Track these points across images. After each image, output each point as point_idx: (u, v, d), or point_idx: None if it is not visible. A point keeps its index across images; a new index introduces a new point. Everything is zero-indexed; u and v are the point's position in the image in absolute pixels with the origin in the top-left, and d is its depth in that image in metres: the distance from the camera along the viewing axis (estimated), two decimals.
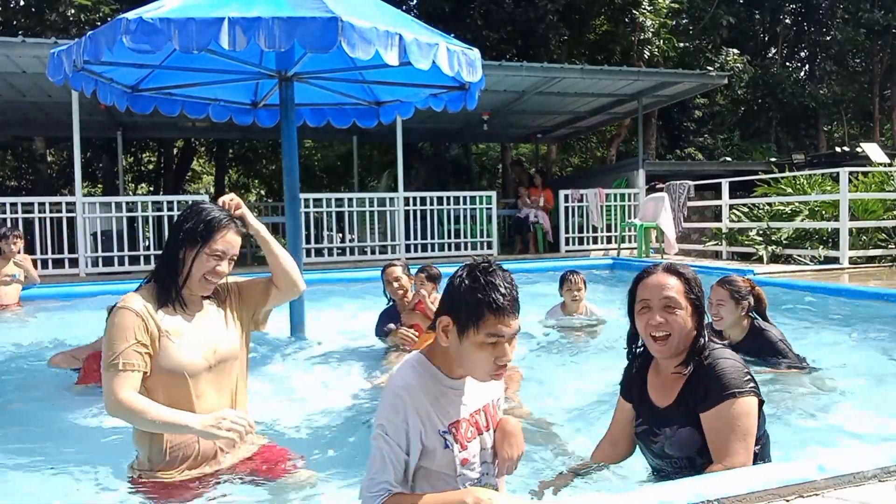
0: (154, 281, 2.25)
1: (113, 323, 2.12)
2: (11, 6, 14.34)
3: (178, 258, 2.21)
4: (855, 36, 21.18)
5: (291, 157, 4.99)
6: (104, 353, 2.10)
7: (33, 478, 2.63)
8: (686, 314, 2.08)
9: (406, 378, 1.76)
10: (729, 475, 2.04)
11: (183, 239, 2.20)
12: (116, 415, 2.08)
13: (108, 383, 2.06)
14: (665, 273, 2.13)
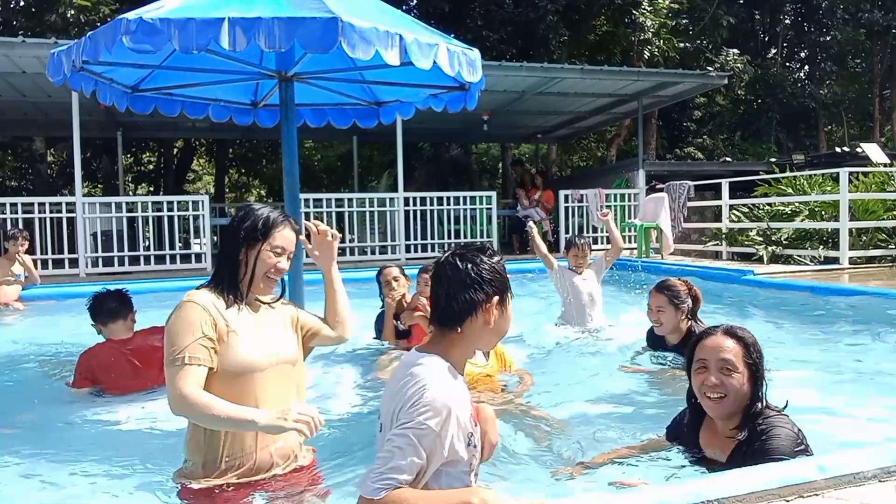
0: (216, 283, 2.20)
1: (179, 317, 2.08)
2: (11, 6, 14.34)
3: (239, 259, 2.18)
4: (855, 36, 21.18)
5: (291, 157, 4.98)
6: (167, 348, 2.05)
7: (55, 480, 2.62)
8: (742, 378, 2.14)
9: (447, 385, 1.69)
10: (729, 475, 2.04)
11: (243, 239, 2.18)
12: (179, 410, 2.02)
13: (173, 378, 2.00)
14: (724, 336, 2.20)
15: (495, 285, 1.77)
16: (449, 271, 1.77)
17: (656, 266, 9.35)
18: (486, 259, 1.78)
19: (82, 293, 7.58)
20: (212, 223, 10.76)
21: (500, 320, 1.80)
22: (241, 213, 2.24)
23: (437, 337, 1.81)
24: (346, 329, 2.47)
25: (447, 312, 1.76)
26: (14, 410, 3.58)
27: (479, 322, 1.76)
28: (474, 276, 1.75)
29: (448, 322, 1.76)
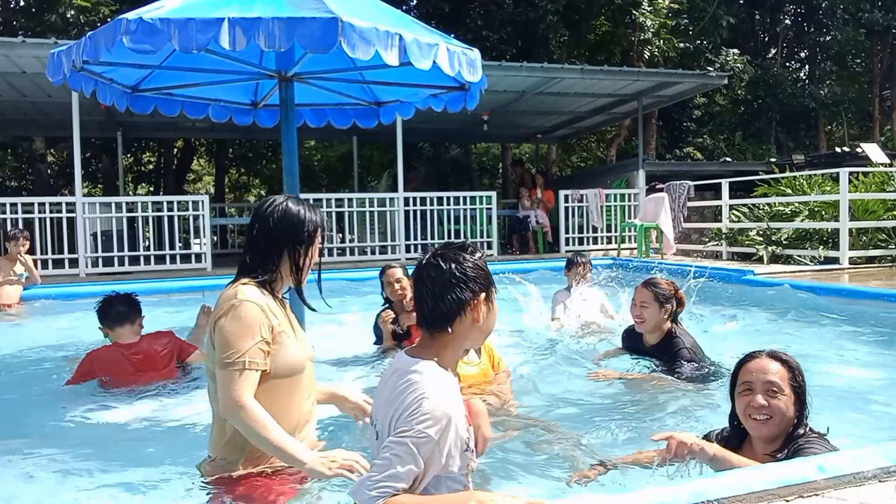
0: (258, 279, 2.13)
1: (237, 317, 2.00)
2: (11, 6, 14.34)
3: (281, 259, 2.17)
4: (855, 36, 21.19)
5: (291, 157, 4.98)
6: (223, 349, 1.98)
7: (54, 479, 2.62)
8: (789, 401, 2.15)
9: (447, 393, 1.68)
10: (729, 475, 2.04)
11: (290, 239, 2.16)
12: (233, 418, 1.96)
13: (230, 383, 1.95)
14: (769, 359, 2.21)
15: (480, 282, 1.77)
16: (433, 272, 1.75)
17: (656, 266, 9.34)
18: (469, 257, 1.78)
19: (82, 293, 7.65)
20: (212, 223, 10.76)
21: (489, 316, 1.81)
22: (280, 211, 2.16)
23: (427, 340, 1.78)
24: None
25: (435, 314, 1.74)
26: (14, 410, 3.58)
27: (468, 320, 1.76)
28: (459, 275, 1.74)
29: (437, 323, 1.75)
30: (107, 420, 3.38)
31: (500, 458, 2.63)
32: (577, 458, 2.64)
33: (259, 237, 2.16)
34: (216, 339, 2.02)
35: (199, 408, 3.51)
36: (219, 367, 1.99)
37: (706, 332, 5.59)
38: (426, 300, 1.76)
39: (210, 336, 2.06)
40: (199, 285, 8.32)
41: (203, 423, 3.29)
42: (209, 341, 2.08)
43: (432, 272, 1.76)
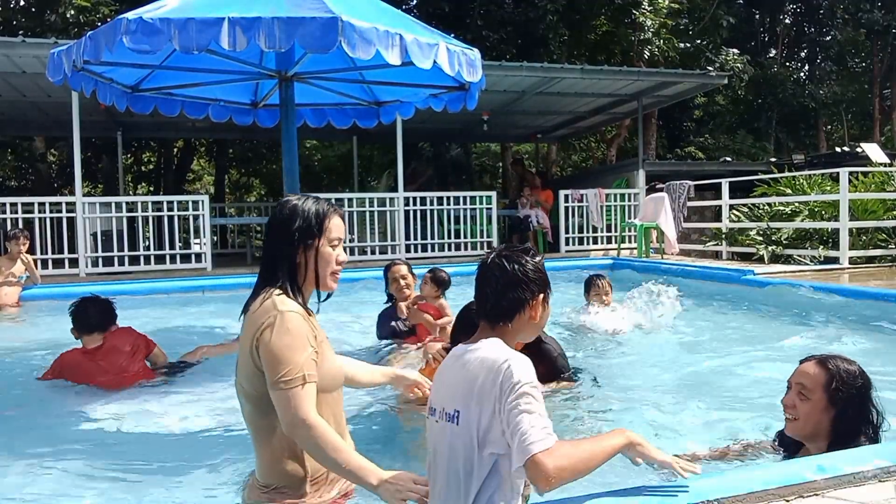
0: (283, 288, 1.95)
1: (286, 330, 1.83)
2: (11, 6, 14.34)
3: (297, 261, 1.97)
4: (855, 36, 21.19)
5: (291, 157, 4.99)
6: (277, 367, 1.80)
7: (54, 480, 2.62)
8: (816, 406, 2.17)
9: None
10: (729, 475, 2.04)
11: (298, 239, 1.96)
12: (301, 438, 1.81)
13: (292, 401, 1.78)
14: (813, 362, 2.26)
15: (539, 284, 1.88)
16: (496, 271, 1.86)
17: (656, 266, 9.35)
18: (530, 259, 1.89)
19: (82, 293, 7.62)
20: (212, 223, 10.75)
21: (543, 315, 1.92)
22: (286, 211, 2.00)
23: (487, 331, 1.86)
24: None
25: (496, 310, 1.85)
26: (14, 411, 3.58)
27: (525, 318, 1.87)
28: (521, 276, 1.85)
29: (498, 319, 1.86)
30: (107, 419, 3.37)
31: None
32: None
33: (274, 242, 2.00)
34: (262, 357, 1.84)
35: (184, 411, 3.52)
36: (274, 388, 1.82)
37: (707, 333, 5.60)
38: (489, 296, 1.86)
39: (250, 355, 1.87)
40: (199, 285, 8.32)
41: (190, 425, 3.30)
42: (247, 361, 1.89)
43: (496, 271, 1.86)
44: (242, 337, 1.92)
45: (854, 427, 2.19)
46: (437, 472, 1.78)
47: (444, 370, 1.87)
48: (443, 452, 1.76)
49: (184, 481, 2.65)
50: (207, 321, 6.52)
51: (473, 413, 1.70)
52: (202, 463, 2.81)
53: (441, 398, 1.82)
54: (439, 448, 1.78)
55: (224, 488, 2.55)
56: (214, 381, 3.93)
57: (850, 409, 2.17)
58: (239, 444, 3.00)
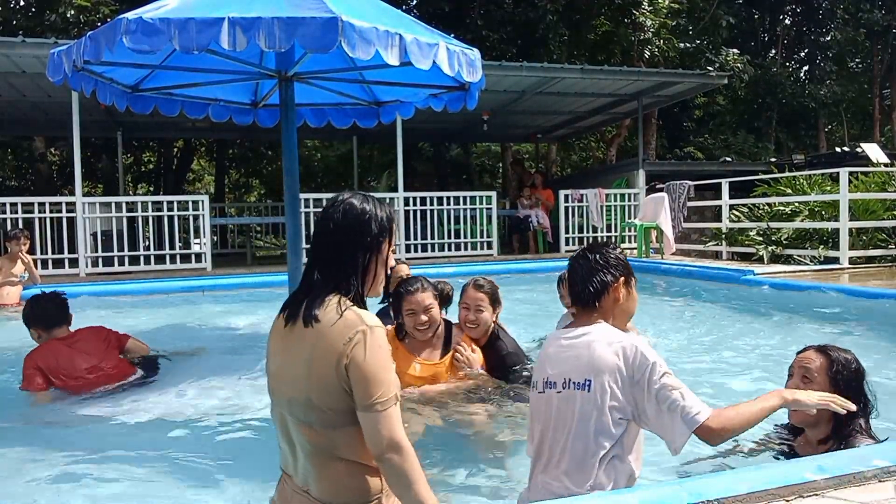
0: (351, 296, 1.82)
1: (379, 347, 1.74)
2: (11, 6, 14.34)
3: (369, 266, 1.85)
4: (855, 36, 21.19)
5: (291, 157, 4.98)
6: (371, 388, 1.69)
7: (54, 480, 2.61)
8: (821, 389, 2.24)
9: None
10: (729, 475, 2.04)
11: (373, 246, 1.86)
12: (389, 460, 1.70)
13: (386, 422, 1.70)
14: (814, 350, 2.40)
15: (620, 269, 2.18)
16: (581, 261, 2.19)
17: (656, 266, 9.35)
18: (611, 250, 2.21)
19: (82, 293, 7.64)
20: (212, 223, 10.76)
21: (628, 299, 2.20)
22: (361, 215, 1.86)
23: (582, 315, 2.15)
24: None
25: (585, 293, 2.14)
26: (13, 411, 3.58)
27: (610, 299, 2.15)
28: (603, 263, 2.16)
29: (587, 302, 2.14)
30: (108, 419, 3.37)
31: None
32: None
33: (343, 246, 1.85)
34: (353, 376, 1.71)
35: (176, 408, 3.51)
36: (367, 410, 1.71)
37: (707, 333, 5.60)
38: (577, 283, 2.17)
39: (335, 371, 1.72)
40: (199, 285, 8.32)
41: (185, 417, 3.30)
42: (328, 376, 1.73)
43: (581, 261, 2.19)
44: (313, 349, 1.76)
45: (854, 412, 2.26)
46: (557, 436, 2.01)
47: (557, 350, 2.10)
48: (568, 417, 1.99)
49: (183, 483, 2.65)
50: (207, 321, 6.53)
51: (605, 382, 1.96)
52: (201, 462, 2.81)
53: (563, 372, 2.05)
54: (563, 414, 2.01)
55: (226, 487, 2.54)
56: (206, 377, 3.93)
57: (850, 391, 2.25)
58: (231, 443, 3.01)
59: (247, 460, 2.75)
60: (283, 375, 1.83)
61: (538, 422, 2.08)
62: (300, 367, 1.77)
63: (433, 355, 3.38)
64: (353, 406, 1.73)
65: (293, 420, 1.80)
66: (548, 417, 2.04)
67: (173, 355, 4.51)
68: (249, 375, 4.08)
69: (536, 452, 2.07)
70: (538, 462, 2.05)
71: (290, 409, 1.80)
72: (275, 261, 11.63)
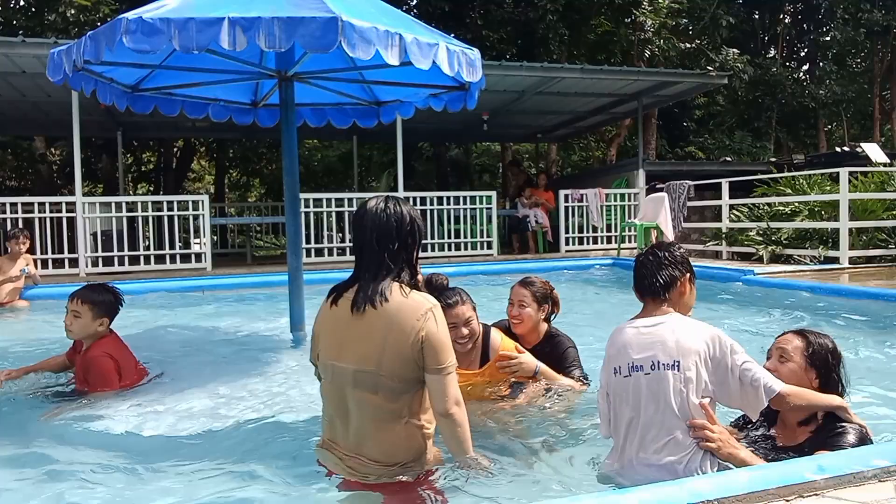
0: (401, 282, 2.20)
1: (441, 321, 2.14)
2: (11, 6, 14.34)
3: (414, 263, 2.25)
4: (855, 36, 21.16)
5: (291, 157, 4.99)
6: (439, 356, 2.11)
7: (54, 481, 2.61)
8: (798, 368, 2.41)
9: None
10: (729, 475, 2.04)
11: (418, 242, 2.26)
12: (451, 418, 2.15)
13: (450, 385, 2.13)
14: (791, 333, 2.54)
15: (685, 266, 2.43)
16: (651, 257, 2.41)
17: None
18: (675, 249, 2.44)
19: None
20: (212, 223, 10.76)
21: (690, 295, 2.46)
22: (409, 215, 2.23)
23: (651, 307, 2.37)
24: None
25: (655, 287, 2.37)
26: (14, 412, 3.58)
27: (677, 293, 2.39)
28: (671, 259, 2.40)
29: (657, 293, 2.37)
30: (109, 419, 3.37)
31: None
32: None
33: (392, 242, 2.19)
34: (427, 346, 2.09)
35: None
36: (438, 374, 2.11)
37: None
38: (647, 277, 2.38)
39: (410, 345, 2.09)
40: (199, 285, 8.32)
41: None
42: (403, 349, 2.09)
43: (651, 257, 2.41)
44: (388, 326, 2.09)
45: (833, 392, 2.40)
46: (651, 414, 2.21)
47: (636, 337, 2.30)
48: (660, 396, 2.20)
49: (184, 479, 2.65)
50: (207, 321, 6.53)
51: (690, 364, 2.20)
52: (201, 462, 2.81)
53: (650, 356, 2.24)
54: (655, 394, 2.21)
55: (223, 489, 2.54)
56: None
57: (824, 372, 2.42)
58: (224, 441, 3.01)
59: (249, 460, 2.75)
60: (347, 351, 2.14)
61: (625, 403, 2.28)
62: (371, 344, 2.09)
63: (472, 365, 3.30)
64: (418, 375, 2.12)
65: (356, 391, 2.12)
66: (637, 398, 2.25)
67: (173, 356, 4.51)
68: (249, 375, 4.08)
69: (625, 432, 2.27)
70: (629, 440, 2.26)
71: (356, 380, 2.12)
72: (275, 260, 11.63)
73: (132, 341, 3.93)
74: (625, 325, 2.39)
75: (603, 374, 2.41)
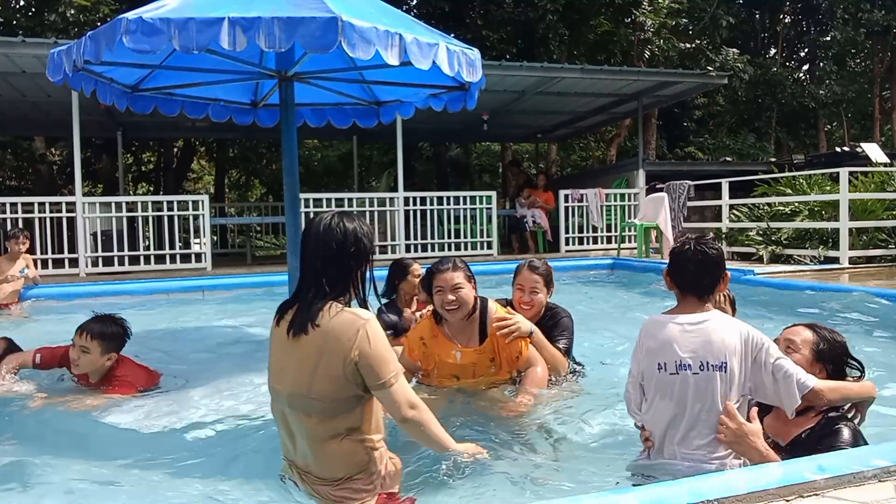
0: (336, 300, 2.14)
1: (377, 333, 2.08)
2: (11, 6, 14.34)
3: (366, 275, 2.20)
4: (855, 36, 21.16)
5: (291, 157, 4.99)
6: (379, 371, 2.05)
7: (54, 482, 2.61)
8: (804, 361, 2.42)
9: None
10: (729, 475, 2.04)
11: (367, 257, 2.19)
12: (411, 422, 2.13)
13: (399, 393, 2.09)
14: (801, 326, 2.56)
15: (724, 263, 2.41)
16: (700, 256, 2.35)
17: (656, 266, 9.34)
18: (717, 244, 2.41)
19: (82, 293, 7.65)
20: (212, 223, 10.76)
21: (723, 290, 2.53)
22: (353, 231, 2.15)
23: (694, 303, 2.36)
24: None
25: (706, 287, 2.36)
26: (13, 411, 3.58)
27: (717, 290, 2.40)
28: (718, 258, 2.38)
29: (707, 293, 2.37)
30: (109, 420, 3.37)
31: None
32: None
33: (333, 260, 2.12)
34: (363, 363, 2.03)
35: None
36: (380, 389, 2.06)
37: None
38: (695, 273, 2.35)
39: (345, 363, 2.02)
40: (199, 285, 8.32)
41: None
42: (341, 368, 2.02)
43: (700, 255, 2.35)
44: (320, 349, 2.03)
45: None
46: (696, 412, 2.24)
47: (681, 335, 2.30)
48: (707, 395, 2.23)
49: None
50: (207, 321, 6.53)
51: (734, 364, 2.24)
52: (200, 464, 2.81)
53: (698, 356, 2.26)
54: (703, 393, 2.24)
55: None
56: None
57: (832, 364, 2.44)
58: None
59: (251, 460, 2.75)
60: (284, 375, 2.10)
61: (669, 399, 2.29)
62: (303, 368, 2.05)
63: (472, 341, 3.30)
64: (355, 393, 2.05)
65: (293, 413, 2.09)
66: (683, 396, 2.27)
67: (174, 355, 4.51)
68: (249, 375, 4.08)
69: (666, 427, 2.30)
70: (669, 435, 2.29)
71: (291, 403, 2.09)
72: (275, 260, 11.62)
73: (133, 341, 3.92)
74: (664, 319, 2.37)
75: (638, 363, 2.41)
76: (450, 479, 2.30)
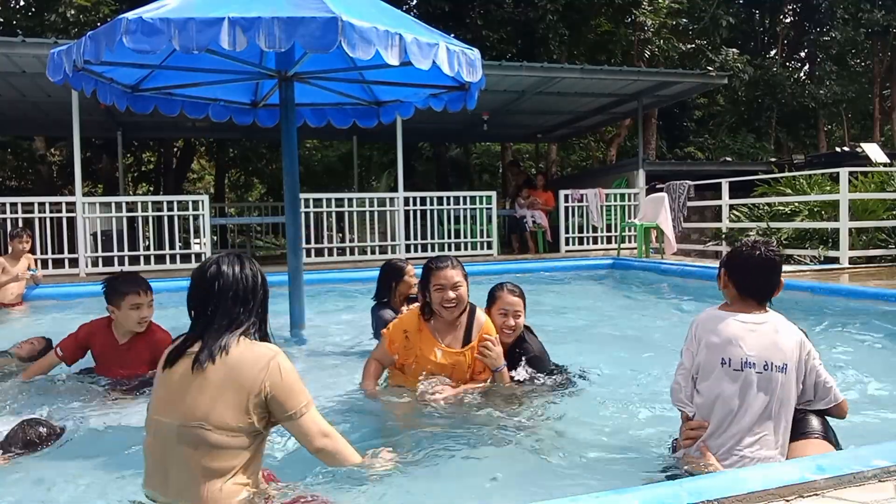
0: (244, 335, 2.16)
1: (286, 367, 2.09)
2: (11, 6, 14.34)
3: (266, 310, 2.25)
4: (855, 36, 21.16)
5: (291, 157, 4.99)
6: (291, 402, 2.06)
7: (55, 482, 2.61)
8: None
9: None
10: (729, 475, 2.04)
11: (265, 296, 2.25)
12: (324, 450, 2.14)
13: (312, 421, 2.11)
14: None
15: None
16: (769, 262, 2.42)
17: (656, 266, 9.35)
18: (779, 250, 2.47)
19: (82, 293, 7.64)
20: (212, 223, 10.76)
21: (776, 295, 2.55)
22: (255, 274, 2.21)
23: (753, 306, 2.43)
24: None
25: (767, 290, 2.45)
26: (13, 411, 3.57)
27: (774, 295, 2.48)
28: (780, 261, 2.46)
29: (768, 297, 2.46)
30: (110, 421, 3.37)
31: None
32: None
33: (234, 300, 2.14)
34: (274, 395, 2.03)
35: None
36: (290, 420, 2.07)
37: None
38: (763, 278, 2.43)
39: (250, 395, 2.01)
40: None
41: None
42: (245, 399, 2.00)
43: (769, 262, 2.42)
44: (224, 380, 2.00)
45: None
46: (756, 411, 2.31)
47: (745, 333, 2.36)
48: (770, 395, 2.31)
49: None
50: None
51: (792, 366, 2.34)
52: None
53: (762, 356, 2.33)
54: (765, 392, 2.31)
55: None
56: None
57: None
58: None
59: None
60: (175, 406, 2.03)
61: (729, 395, 2.33)
62: (204, 396, 1.99)
63: (455, 342, 3.30)
64: (250, 427, 2.00)
65: (178, 447, 2.00)
66: (745, 393, 2.32)
67: None
68: None
69: (720, 421, 2.33)
70: (722, 430, 2.33)
71: (179, 435, 2.00)
72: (275, 260, 11.62)
73: None
74: (724, 315, 2.43)
75: (692, 356, 2.44)
76: (450, 480, 2.30)
